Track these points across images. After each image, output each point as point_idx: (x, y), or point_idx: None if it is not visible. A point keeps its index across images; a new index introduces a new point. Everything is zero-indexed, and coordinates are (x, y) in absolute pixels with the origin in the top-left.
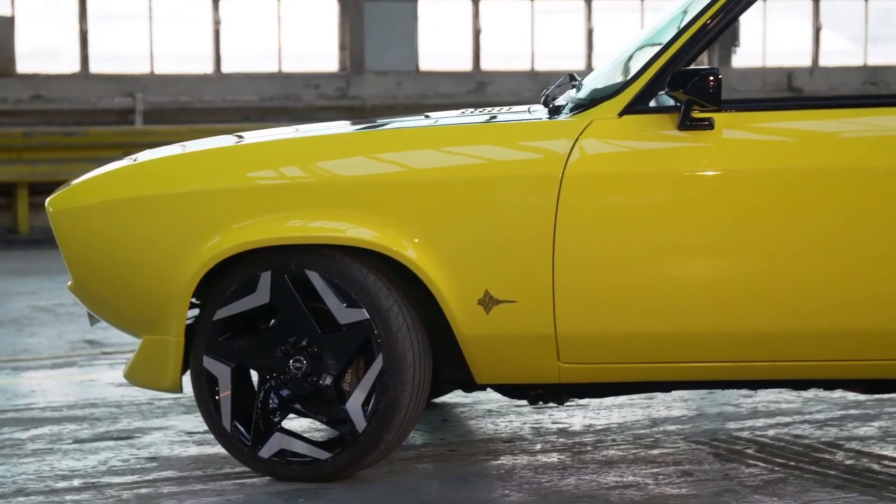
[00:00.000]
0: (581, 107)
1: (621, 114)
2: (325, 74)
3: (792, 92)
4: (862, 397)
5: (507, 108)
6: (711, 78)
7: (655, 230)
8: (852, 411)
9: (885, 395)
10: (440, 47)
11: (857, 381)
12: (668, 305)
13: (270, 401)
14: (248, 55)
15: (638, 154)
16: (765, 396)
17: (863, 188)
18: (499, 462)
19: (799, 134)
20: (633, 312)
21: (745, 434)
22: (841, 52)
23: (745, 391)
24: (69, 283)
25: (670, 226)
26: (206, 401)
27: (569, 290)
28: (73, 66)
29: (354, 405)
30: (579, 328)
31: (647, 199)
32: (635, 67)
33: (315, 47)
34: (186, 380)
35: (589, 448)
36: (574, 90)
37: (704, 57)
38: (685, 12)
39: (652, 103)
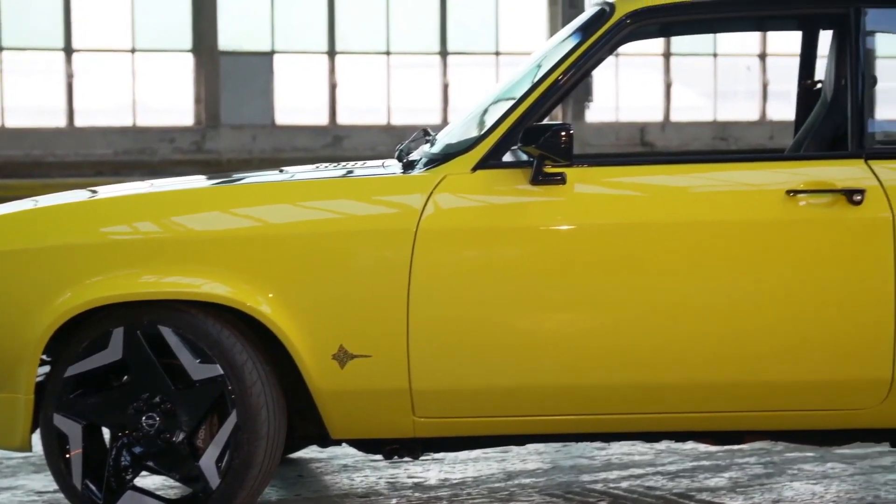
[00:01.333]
0: (435, 161)
1: (475, 168)
2: (181, 128)
3: (644, 146)
4: (713, 448)
5: (362, 162)
6: (563, 133)
7: (509, 284)
8: (703, 462)
9: (735, 447)
10: (297, 101)
11: (708, 432)
12: (522, 359)
13: (122, 458)
14: (102, 109)
15: (491, 209)
16: (618, 448)
17: (713, 242)
18: None
19: (650, 188)
20: (487, 366)
21: (598, 486)
22: (691, 107)
23: (598, 443)
24: None
25: (523, 280)
26: (57, 459)
27: (423, 344)
28: None
29: (208, 462)
30: (434, 382)
31: (500, 253)
32: (489, 122)
33: (170, 101)
34: (36, 438)
35: (444, 502)
36: (428, 145)
37: (559, 111)
38: (539, 66)
39: (508, 157)
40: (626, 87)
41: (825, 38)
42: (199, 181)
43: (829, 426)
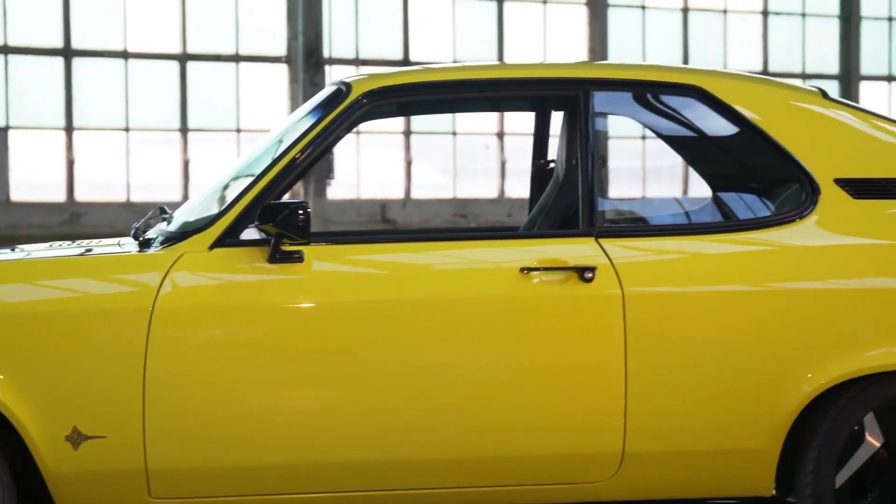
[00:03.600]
0: (172, 240)
1: (212, 247)
2: None
3: (386, 223)
4: None
5: (97, 241)
6: (300, 212)
7: (246, 363)
8: None
9: None
10: (33, 177)
11: None
12: (259, 437)
13: None
14: None
15: (228, 287)
16: None
17: (450, 319)
18: None
19: (388, 265)
20: (224, 445)
21: None
22: (432, 184)
23: None
24: None
25: (261, 359)
26: None
27: (159, 424)
28: None
29: None
30: (170, 462)
31: (237, 332)
32: (227, 200)
33: None
34: None
35: None
36: (165, 223)
37: (300, 188)
38: (279, 143)
39: (248, 234)
40: (368, 164)
41: (559, 118)
42: None
43: (565, 500)
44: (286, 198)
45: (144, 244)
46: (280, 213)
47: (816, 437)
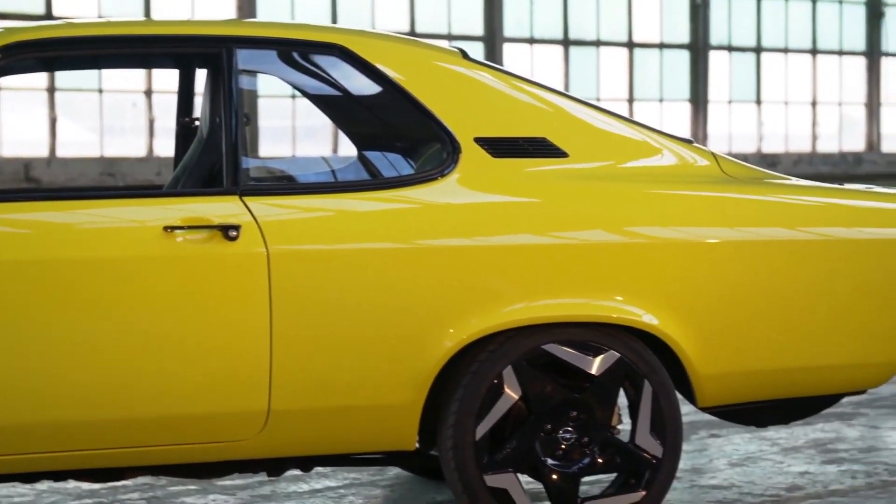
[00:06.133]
0: None
1: None
2: None
3: (30, 182)
4: (97, 486)
5: None
6: None
7: None
8: (87, 500)
9: (119, 483)
10: None
11: (87, 470)
12: None
13: None
14: None
15: None
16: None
17: (93, 279)
18: None
19: (30, 225)
20: None
21: None
22: (78, 143)
23: None
24: None
25: None
26: None
27: None
28: None
29: None
30: None
31: None
32: None
33: None
34: None
35: None
36: None
37: None
38: None
39: None
40: (10, 122)
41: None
42: None
43: (209, 459)
44: None
45: None
46: None
47: (458, 392)
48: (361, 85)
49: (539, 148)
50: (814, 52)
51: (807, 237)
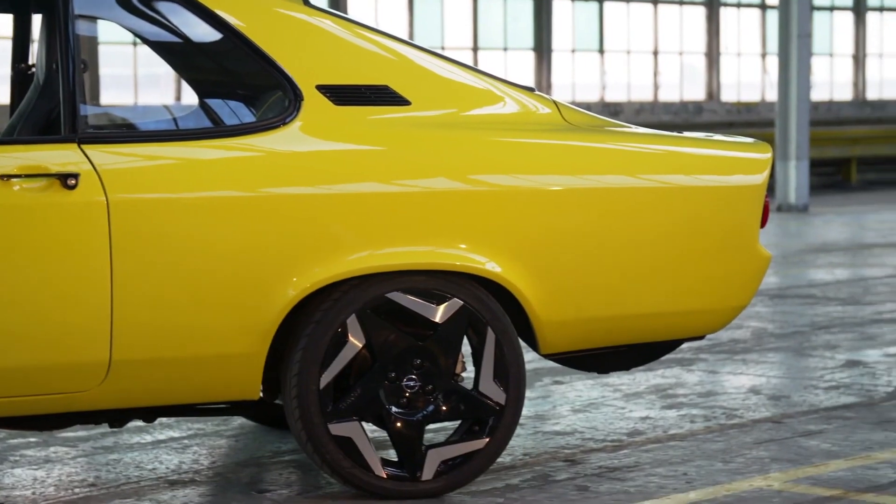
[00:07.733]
0: None
1: None
2: None
3: None
4: None
5: None
6: None
7: None
8: None
9: None
10: None
11: None
12: None
13: None
14: None
15: None
16: None
17: None
18: None
19: None
20: None
21: None
22: None
23: None
24: None
25: None
26: None
27: None
28: None
29: None
30: None
31: None
32: None
33: None
34: None
35: None
36: None
37: None
38: None
39: None
40: None
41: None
42: None
43: (50, 410)
44: None
45: None
46: None
47: (301, 341)
48: (202, 32)
49: (382, 96)
50: (655, 1)
51: (647, 184)
